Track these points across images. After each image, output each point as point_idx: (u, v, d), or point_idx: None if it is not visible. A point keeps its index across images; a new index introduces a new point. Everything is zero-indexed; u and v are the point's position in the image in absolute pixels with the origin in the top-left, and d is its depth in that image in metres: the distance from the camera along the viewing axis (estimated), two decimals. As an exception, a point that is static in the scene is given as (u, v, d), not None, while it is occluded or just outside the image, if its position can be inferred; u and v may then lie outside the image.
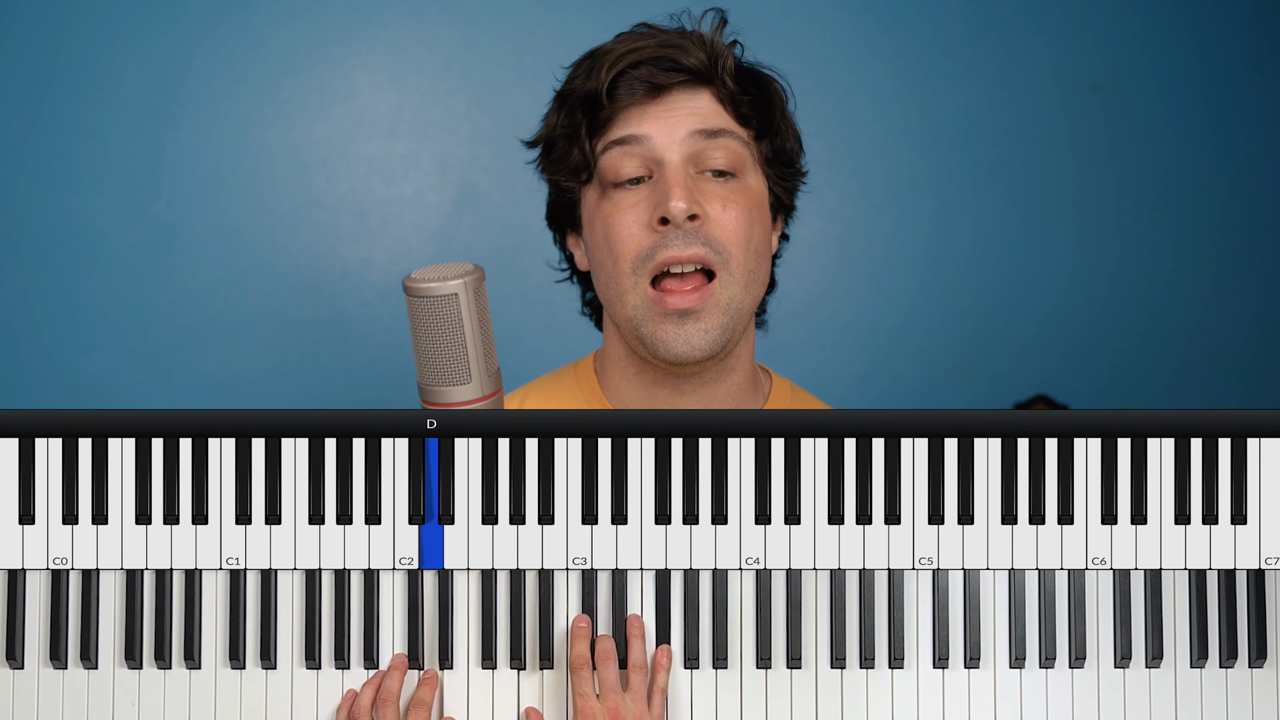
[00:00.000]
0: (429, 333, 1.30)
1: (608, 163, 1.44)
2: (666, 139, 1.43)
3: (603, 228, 1.45)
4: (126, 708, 1.31)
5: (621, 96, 1.44)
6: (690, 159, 1.43)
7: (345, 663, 1.32)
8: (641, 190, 1.44)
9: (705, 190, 1.43)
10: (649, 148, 1.43)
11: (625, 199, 1.44)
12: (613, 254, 1.44)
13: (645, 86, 1.44)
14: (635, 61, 1.44)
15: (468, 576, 1.33)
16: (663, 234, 1.41)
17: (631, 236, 1.43)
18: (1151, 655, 1.32)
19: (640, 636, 1.31)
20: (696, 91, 1.45)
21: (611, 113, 1.45)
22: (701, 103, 1.45)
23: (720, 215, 1.43)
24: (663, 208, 1.40)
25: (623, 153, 1.44)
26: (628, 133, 1.44)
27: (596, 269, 1.48)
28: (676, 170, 1.42)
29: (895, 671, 1.32)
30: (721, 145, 1.44)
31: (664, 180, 1.42)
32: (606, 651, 1.29)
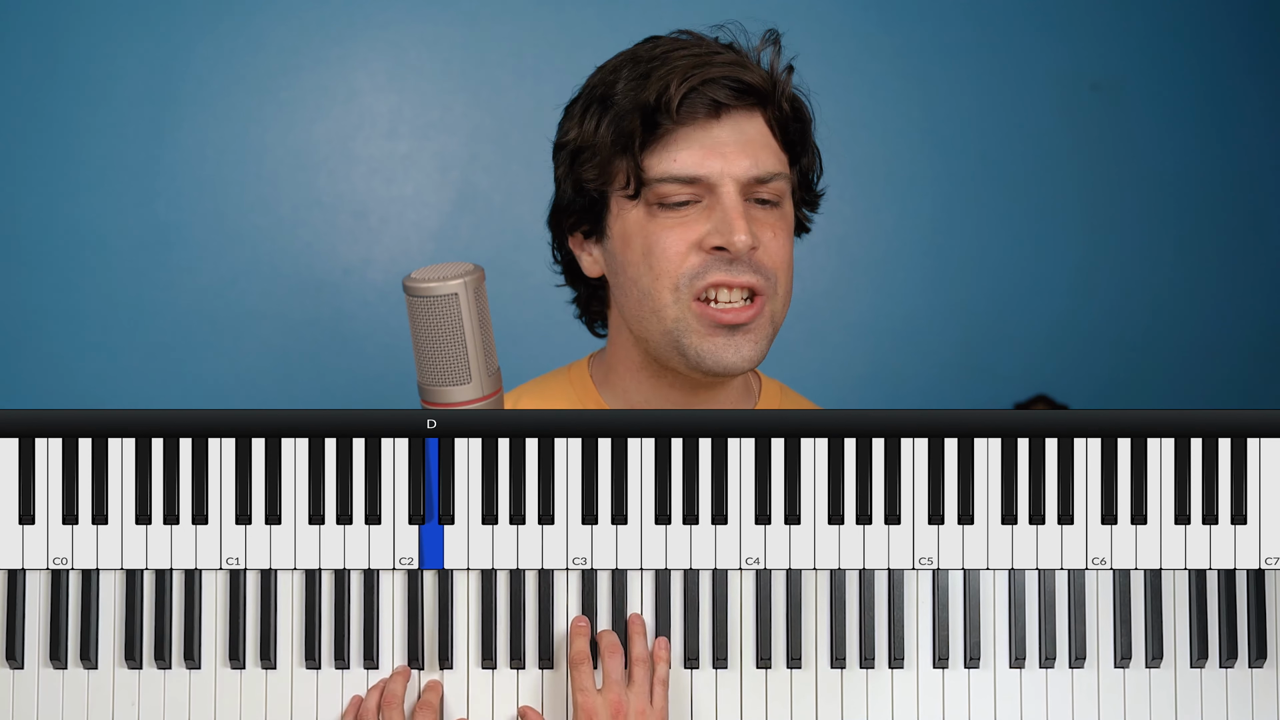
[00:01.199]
0: (429, 333, 1.30)
1: (661, 188, 1.42)
2: (724, 173, 1.42)
3: (644, 244, 1.43)
4: (126, 708, 1.31)
5: (684, 114, 1.42)
6: (743, 189, 1.43)
7: (345, 663, 1.32)
8: (691, 212, 1.43)
9: (756, 217, 1.44)
10: (707, 181, 1.42)
11: (673, 218, 1.43)
12: (653, 271, 1.43)
13: (709, 105, 1.42)
14: (704, 79, 1.41)
15: (468, 576, 1.33)
16: (715, 258, 1.41)
17: (680, 255, 1.42)
18: (1151, 655, 1.32)
19: (642, 634, 1.31)
20: (751, 114, 1.45)
21: (670, 129, 1.42)
22: (754, 130, 1.44)
23: (771, 243, 1.44)
24: (724, 238, 1.40)
25: (679, 186, 1.42)
26: (687, 172, 1.41)
27: (626, 283, 1.47)
28: (736, 203, 1.42)
29: (895, 671, 1.32)
30: (773, 185, 1.45)
31: (723, 210, 1.41)
32: (612, 644, 1.29)
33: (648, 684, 1.28)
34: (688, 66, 1.42)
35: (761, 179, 1.43)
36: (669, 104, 1.40)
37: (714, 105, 1.42)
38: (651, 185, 1.43)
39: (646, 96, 1.41)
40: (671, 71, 1.41)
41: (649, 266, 1.43)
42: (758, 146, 1.44)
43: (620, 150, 1.43)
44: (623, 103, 1.43)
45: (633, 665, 1.29)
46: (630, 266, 1.45)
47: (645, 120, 1.42)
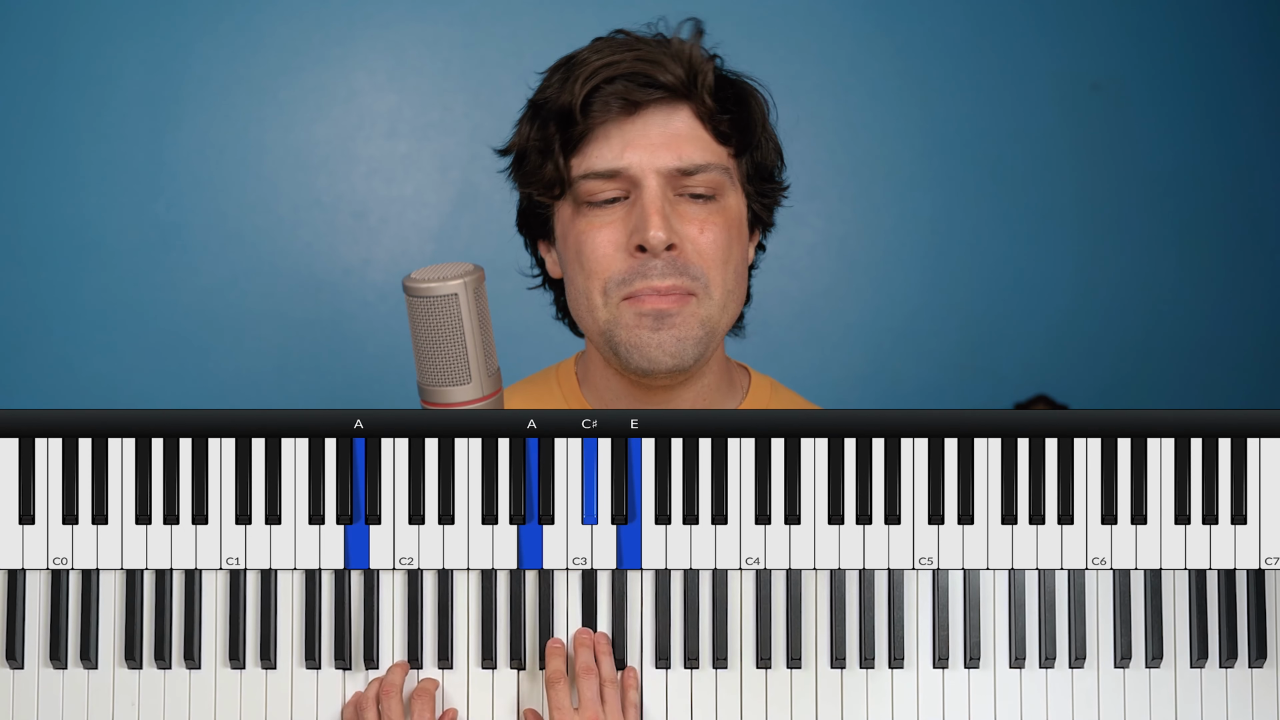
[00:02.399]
0: (429, 333, 1.30)
1: (584, 185, 1.43)
2: (644, 164, 1.41)
3: (575, 244, 1.44)
4: (126, 708, 1.31)
5: (596, 113, 1.42)
6: (668, 182, 1.42)
7: (345, 663, 1.32)
8: (617, 210, 1.43)
9: (682, 213, 1.42)
10: (627, 175, 1.42)
11: (600, 217, 1.43)
12: (585, 271, 1.43)
13: (620, 103, 1.41)
14: (610, 76, 1.41)
15: (467, 576, 1.33)
16: (640, 260, 1.41)
17: (607, 257, 1.42)
18: (1151, 655, 1.32)
19: (607, 653, 1.31)
20: (674, 108, 1.43)
21: (586, 129, 1.42)
22: (679, 121, 1.43)
23: (698, 238, 1.42)
24: (640, 235, 1.39)
25: (601, 182, 1.42)
26: (606, 165, 1.41)
27: (568, 282, 1.48)
28: (654, 197, 1.40)
29: (895, 671, 1.32)
30: (703, 177, 1.43)
31: (641, 206, 1.41)
32: (587, 666, 1.29)
33: (618, 703, 1.29)
34: (597, 65, 1.42)
35: (686, 170, 1.41)
36: (576, 105, 1.41)
37: (627, 104, 1.41)
38: (576, 184, 1.43)
39: (564, 99, 1.42)
40: (582, 72, 1.42)
41: (581, 266, 1.44)
42: (682, 139, 1.42)
43: (544, 154, 1.44)
44: (547, 107, 1.45)
45: (603, 686, 1.29)
46: (569, 266, 1.47)
47: (562, 123, 1.43)
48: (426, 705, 1.29)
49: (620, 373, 1.50)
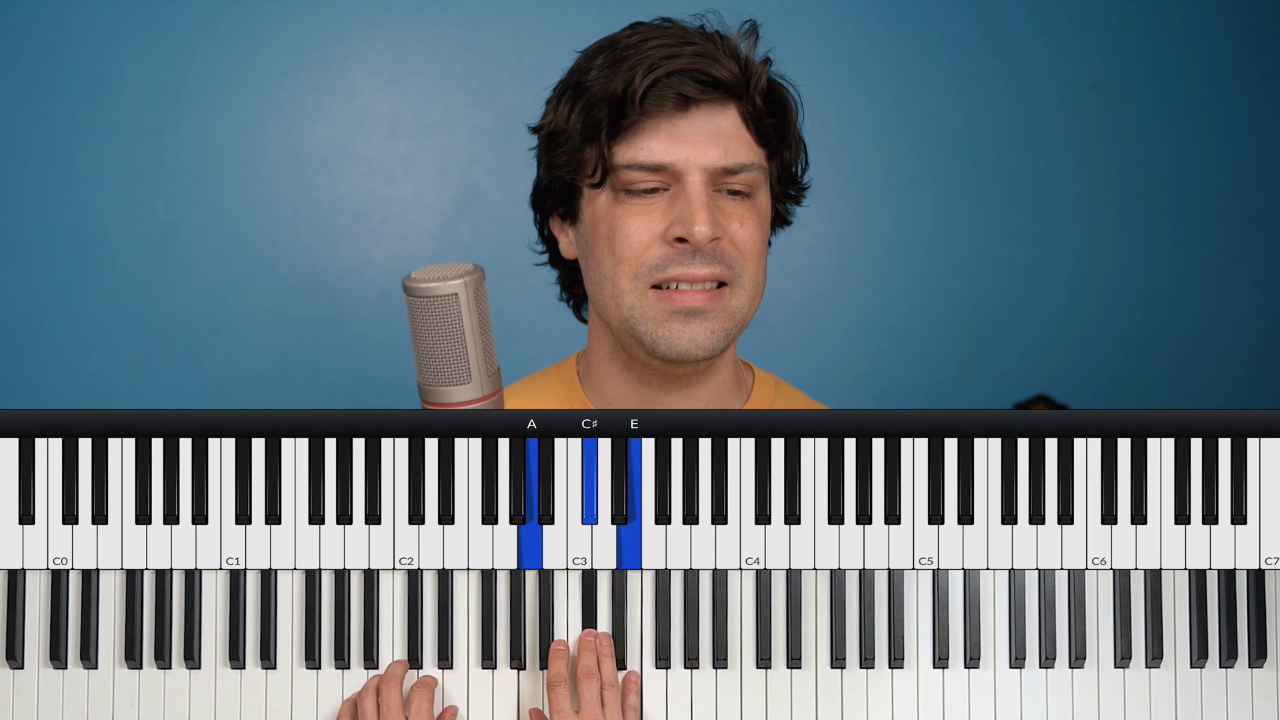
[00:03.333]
0: (429, 333, 1.30)
1: (627, 175, 1.43)
2: (691, 161, 1.42)
3: (609, 230, 1.44)
4: (126, 708, 1.31)
5: (651, 105, 1.42)
6: (711, 178, 1.43)
7: (345, 663, 1.32)
8: (658, 201, 1.43)
9: (722, 208, 1.43)
10: (672, 170, 1.42)
11: (640, 205, 1.43)
12: (615, 256, 1.43)
13: (675, 98, 1.42)
14: (670, 70, 1.41)
15: (467, 576, 1.33)
16: (677, 250, 1.41)
17: (642, 244, 1.42)
18: (1151, 655, 1.32)
19: (609, 655, 1.31)
20: (724, 107, 1.44)
21: (636, 119, 1.42)
22: (726, 120, 1.44)
23: (737, 232, 1.44)
24: (685, 228, 1.40)
25: (645, 174, 1.43)
26: (654, 159, 1.42)
27: (592, 266, 1.47)
28: (699, 192, 1.42)
29: (895, 671, 1.32)
30: (743, 176, 1.44)
31: (686, 200, 1.41)
32: (588, 670, 1.29)
33: (618, 706, 1.29)
34: (656, 57, 1.41)
35: (731, 169, 1.43)
36: (634, 95, 1.41)
37: (681, 98, 1.42)
38: (618, 172, 1.43)
39: (615, 87, 1.42)
40: (640, 62, 1.41)
41: (612, 251, 1.44)
42: (728, 138, 1.43)
43: (588, 139, 1.44)
44: (593, 91, 1.44)
45: (603, 689, 1.29)
46: (596, 250, 1.46)
47: (612, 110, 1.42)
48: (425, 698, 1.29)
49: (625, 367, 1.50)
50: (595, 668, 1.30)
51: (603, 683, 1.29)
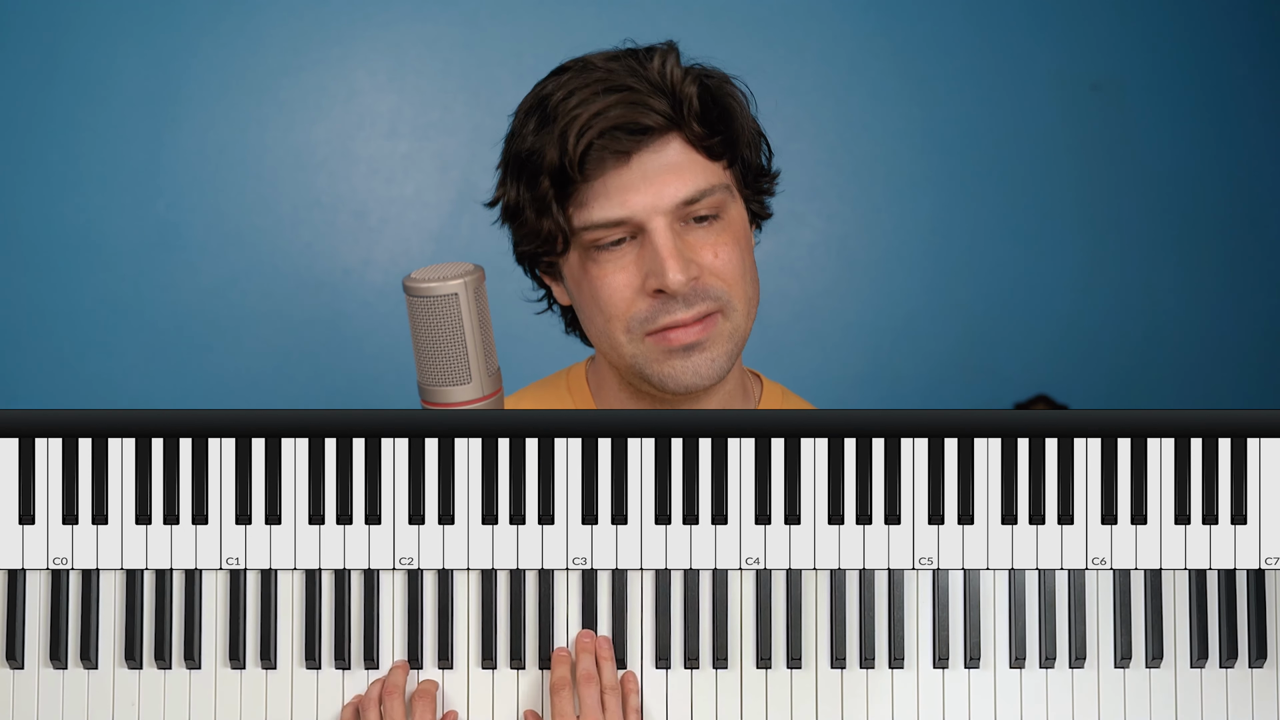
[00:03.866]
0: (429, 333, 1.30)
1: (588, 235, 1.40)
2: (648, 209, 1.39)
3: (590, 290, 1.42)
4: (126, 708, 1.31)
5: (591, 170, 1.38)
6: (674, 216, 1.40)
7: (345, 663, 1.32)
8: (628, 252, 1.41)
9: (692, 242, 1.40)
10: (632, 221, 1.39)
11: (612, 261, 1.41)
12: (604, 314, 1.42)
13: (615, 156, 1.38)
14: (601, 129, 1.37)
15: (468, 576, 1.33)
16: (661, 299, 1.39)
17: (625, 300, 1.40)
18: (1151, 655, 1.32)
19: (609, 658, 1.31)
20: (665, 142, 1.40)
21: (583, 183, 1.39)
22: (672, 154, 1.40)
23: (714, 263, 1.41)
24: (658, 280, 1.38)
25: (608, 230, 1.40)
26: (609, 217, 1.39)
27: (585, 319, 1.47)
28: (665, 240, 1.38)
29: (895, 671, 1.32)
30: (706, 201, 1.41)
31: (654, 249, 1.38)
32: (588, 674, 1.29)
33: (619, 710, 1.29)
34: (584, 118, 1.37)
35: (690, 200, 1.39)
36: (571, 164, 1.37)
37: (619, 154, 1.38)
38: (579, 234, 1.41)
39: (551, 158, 1.38)
40: (569, 125, 1.38)
41: (599, 309, 1.42)
42: (679, 170, 1.39)
43: (541, 213, 1.41)
44: (533, 164, 1.41)
45: (604, 692, 1.29)
46: (585, 307, 1.45)
47: (555, 180, 1.39)
48: (428, 706, 1.29)
49: (634, 394, 1.50)
50: (594, 671, 1.30)
51: (603, 686, 1.29)
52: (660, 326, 1.40)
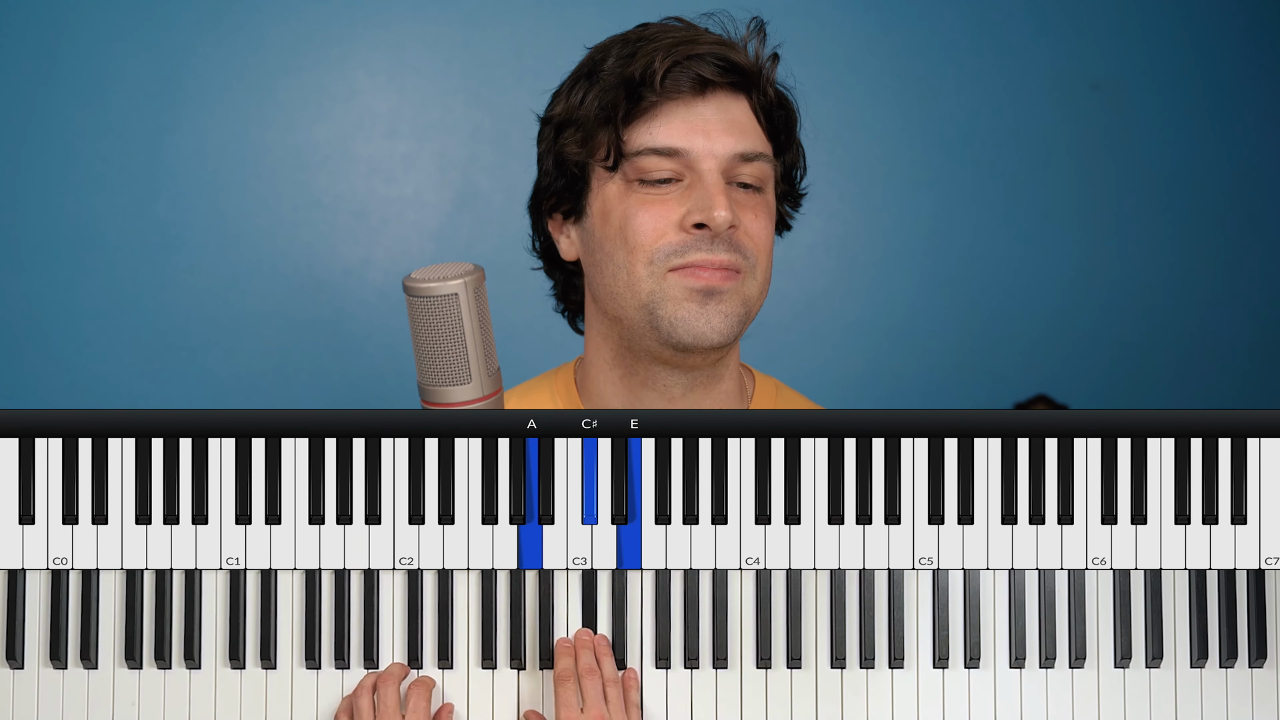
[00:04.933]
0: (429, 333, 1.30)
1: (641, 161, 1.43)
2: (706, 149, 1.42)
3: (622, 219, 1.43)
4: (126, 708, 1.31)
5: (669, 87, 1.42)
6: (725, 168, 1.43)
7: (345, 663, 1.32)
8: (672, 190, 1.43)
9: (737, 199, 1.44)
10: (687, 158, 1.43)
11: (654, 194, 1.43)
12: (628, 245, 1.43)
13: (693, 81, 1.43)
14: (689, 54, 1.42)
15: (467, 576, 1.33)
16: (695, 236, 1.41)
17: (657, 232, 1.42)
18: (1151, 655, 1.32)
19: (608, 654, 1.31)
20: (736, 97, 1.45)
21: (654, 102, 1.43)
22: (739, 112, 1.45)
23: (752, 224, 1.44)
24: (704, 214, 1.40)
25: (660, 159, 1.43)
26: (671, 144, 1.42)
27: (602, 259, 1.46)
28: (717, 180, 1.42)
29: (895, 671, 1.32)
30: (755, 167, 1.45)
31: (704, 188, 1.41)
32: (590, 667, 1.29)
33: (621, 702, 1.29)
34: (674, 43, 1.42)
35: (746, 156, 1.44)
36: (653, 76, 1.41)
37: (699, 81, 1.42)
38: (631, 158, 1.43)
39: (632, 70, 1.42)
40: (658, 47, 1.42)
41: (624, 241, 1.43)
42: (742, 127, 1.44)
43: (603, 121, 1.44)
44: (608, 77, 1.44)
45: (605, 686, 1.29)
46: (607, 241, 1.45)
47: (630, 93, 1.42)
48: (423, 697, 1.29)
49: (628, 374, 1.49)
50: (595, 664, 1.30)
51: (604, 679, 1.29)
52: (688, 261, 1.41)
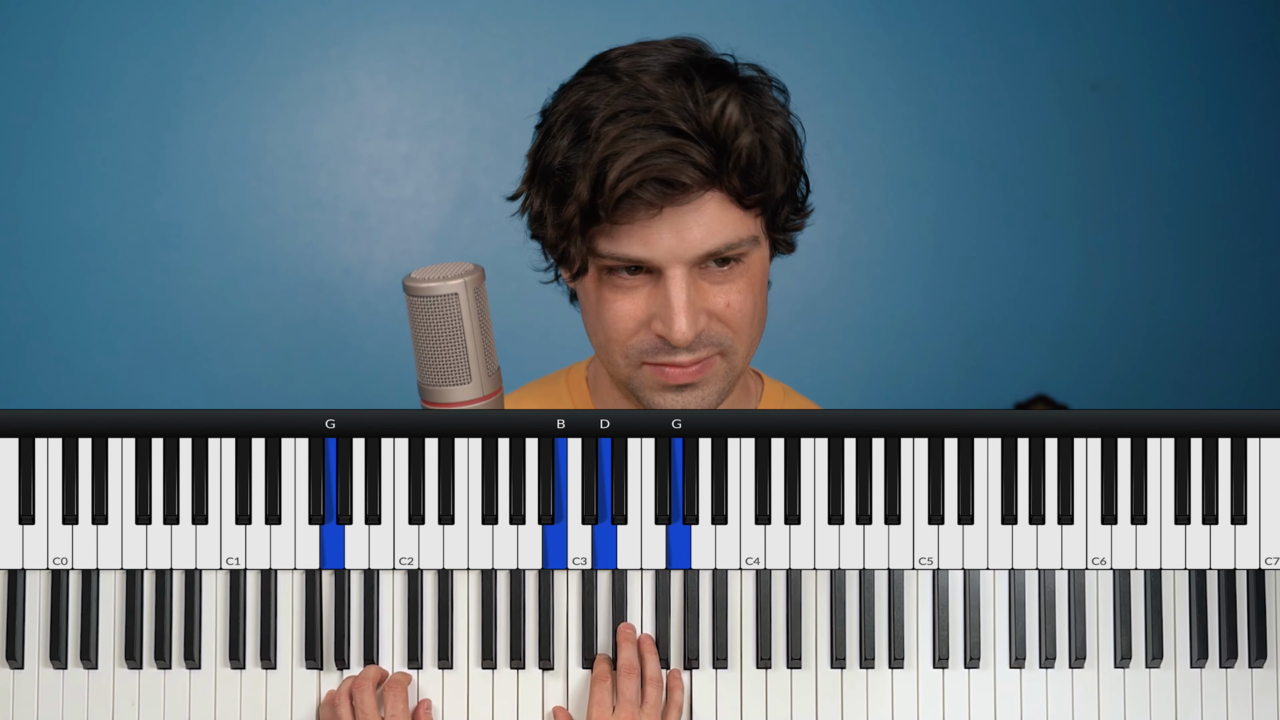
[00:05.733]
0: (429, 333, 1.30)
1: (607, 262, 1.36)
2: (670, 256, 1.34)
3: (596, 308, 1.39)
4: (126, 708, 1.31)
5: (621, 216, 1.32)
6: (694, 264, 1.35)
7: (345, 663, 1.32)
8: (642, 285, 1.36)
9: (707, 288, 1.36)
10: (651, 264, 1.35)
11: (625, 289, 1.37)
12: (605, 334, 1.39)
13: (646, 206, 1.32)
14: (640, 179, 1.30)
15: (468, 576, 1.33)
16: (663, 342, 1.36)
17: (628, 330, 1.37)
18: (1151, 655, 1.32)
19: (653, 652, 1.30)
20: (702, 197, 1.33)
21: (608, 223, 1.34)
22: (706, 208, 1.33)
23: (725, 310, 1.37)
24: (665, 328, 1.34)
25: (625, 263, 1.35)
26: (631, 255, 1.34)
27: (588, 329, 1.44)
28: (680, 289, 1.34)
29: (895, 671, 1.32)
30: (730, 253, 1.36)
31: (666, 298, 1.34)
32: (629, 665, 1.29)
33: (659, 705, 1.29)
34: (622, 163, 1.30)
35: (715, 253, 1.35)
36: (604, 207, 1.31)
37: (651, 204, 1.32)
38: (600, 256, 1.36)
39: (581, 194, 1.32)
40: (607, 163, 1.30)
41: (601, 328, 1.40)
42: (711, 225, 1.34)
43: (563, 236, 1.36)
44: (562, 187, 1.35)
45: (646, 685, 1.29)
46: (589, 319, 1.43)
47: (583, 215, 1.34)
48: (400, 697, 1.29)
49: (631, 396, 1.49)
50: (636, 662, 1.29)
51: (646, 678, 1.29)
52: (658, 363, 1.38)
